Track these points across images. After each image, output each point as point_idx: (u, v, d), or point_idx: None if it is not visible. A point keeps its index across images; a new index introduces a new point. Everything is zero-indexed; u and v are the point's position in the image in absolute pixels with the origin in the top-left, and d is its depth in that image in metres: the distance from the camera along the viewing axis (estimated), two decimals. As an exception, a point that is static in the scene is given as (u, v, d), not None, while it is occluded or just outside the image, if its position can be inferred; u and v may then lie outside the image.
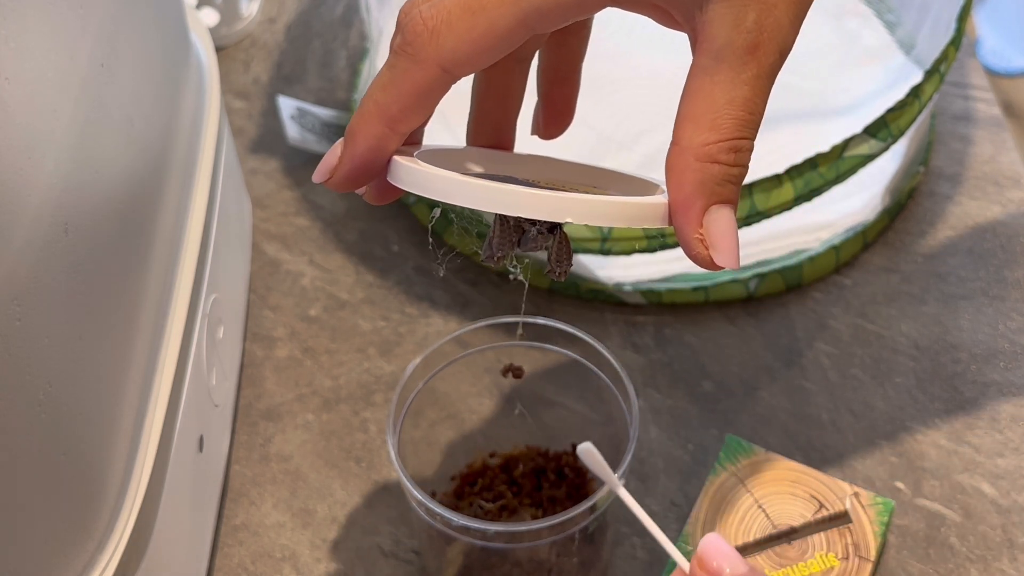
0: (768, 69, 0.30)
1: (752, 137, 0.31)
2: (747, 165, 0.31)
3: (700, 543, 0.32)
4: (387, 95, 0.32)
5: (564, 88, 0.39)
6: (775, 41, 0.30)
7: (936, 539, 0.50)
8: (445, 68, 0.31)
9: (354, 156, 0.33)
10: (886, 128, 0.57)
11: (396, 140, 0.33)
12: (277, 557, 0.51)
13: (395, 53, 0.32)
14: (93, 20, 0.38)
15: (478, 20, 0.30)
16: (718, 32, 0.30)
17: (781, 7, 0.30)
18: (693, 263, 0.31)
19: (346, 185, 0.34)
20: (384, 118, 0.32)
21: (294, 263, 0.65)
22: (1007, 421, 0.54)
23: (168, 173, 0.47)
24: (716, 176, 0.30)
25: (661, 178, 0.32)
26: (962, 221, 0.64)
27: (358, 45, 0.79)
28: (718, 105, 0.30)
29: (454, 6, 0.31)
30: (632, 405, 0.44)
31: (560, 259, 0.34)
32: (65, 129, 0.35)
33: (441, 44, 0.31)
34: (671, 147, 0.31)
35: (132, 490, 0.40)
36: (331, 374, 0.59)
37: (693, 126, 0.30)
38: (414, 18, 0.31)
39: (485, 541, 0.43)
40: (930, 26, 0.64)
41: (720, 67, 0.30)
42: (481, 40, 0.31)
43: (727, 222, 0.30)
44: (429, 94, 0.32)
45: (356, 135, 0.33)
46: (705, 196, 0.30)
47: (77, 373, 0.35)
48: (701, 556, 0.31)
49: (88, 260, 0.36)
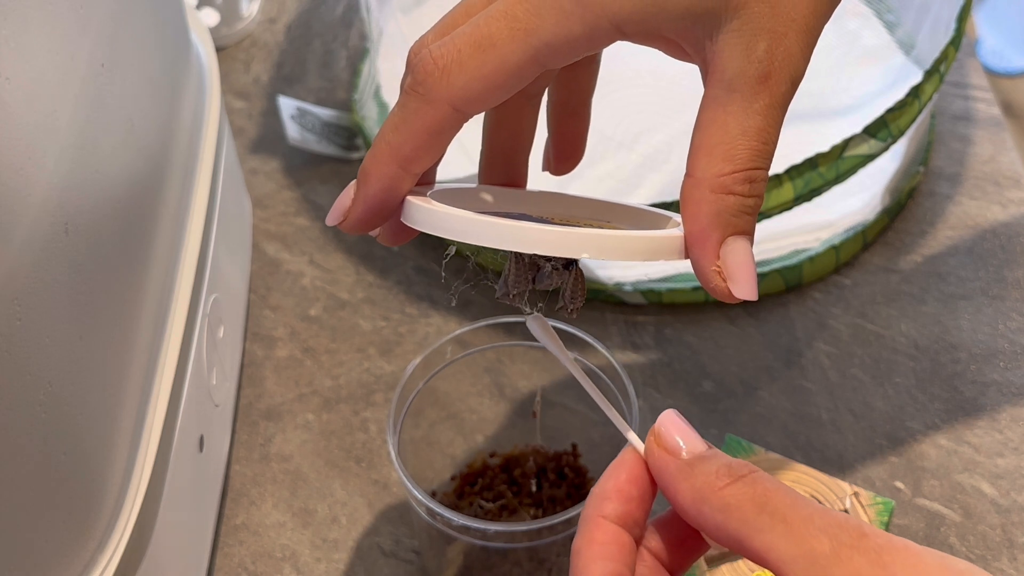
0: (780, 98, 0.30)
1: (767, 167, 0.30)
2: (762, 195, 0.31)
3: (659, 418, 0.31)
4: (399, 135, 0.32)
5: (574, 123, 0.39)
6: (786, 70, 0.30)
7: (936, 539, 0.50)
8: (456, 106, 0.31)
9: (367, 197, 0.33)
10: (886, 128, 0.57)
11: (409, 180, 0.32)
12: (277, 557, 0.51)
13: (406, 93, 0.31)
14: (93, 20, 0.38)
15: (489, 57, 0.30)
16: (729, 62, 0.30)
17: (791, 36, 0.30)
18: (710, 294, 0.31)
19: (360, 227, 0.33)
20: (397, 158, 0.32)
21: (294, 263, 0.65)
22: (1007, 421, 0.54)
23: (168, 173, 0.47)
24: (732, 207, 0.30)
25: (660, 177, 0.32)
26: (962, 221, 0.64)
27: (358, 45, 0.79)
28: (732, 135, 0.30)
29: (464, 44, 0.30)
30: (632, 405, 0.44)
31: (575, 296, 0.33)
32: (65, 129, 0.35)
33: (452, 82, 0.30)
34: (685, 179, 0.31)
35: (132, 490, 0.40)
36: (331, 374, 0.59)
37: (707, 157, 0.30)
38: (424, 57, 0.31)
39: (485, 541, 0.43)
40: (930, 26, 0.64)
41: (732, 97, 0.30)
42: (492, 77, 0.30)
43: (744, 253, 0.30)
44: (441, 133, 0.31)
45: (369, 176, 0.32)
46: (721, 228, 0.30)
47: (77, 373, 0.35)
48: (658, 431, 0.31)
49: (88, 260, 0.36)
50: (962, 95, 0.71)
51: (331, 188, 0.69)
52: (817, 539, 0.26)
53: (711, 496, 0.28)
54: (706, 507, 0.28)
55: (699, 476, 0.29)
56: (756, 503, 0.27)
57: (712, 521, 0.28)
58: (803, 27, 0.30)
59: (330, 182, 0.70)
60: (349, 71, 0.77)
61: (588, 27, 0.30)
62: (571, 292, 0.33)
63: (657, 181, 0.63)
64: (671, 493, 0.30)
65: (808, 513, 0.27)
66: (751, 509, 0.27)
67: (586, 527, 0.30)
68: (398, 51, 0.69)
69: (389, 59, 0.71)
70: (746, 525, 0.27)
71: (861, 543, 0.26)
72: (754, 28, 0.30)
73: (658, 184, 0.63)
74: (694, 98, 0.32)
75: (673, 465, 0.30)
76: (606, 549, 0.29)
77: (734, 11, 0.30)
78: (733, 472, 0.28)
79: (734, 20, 0.30)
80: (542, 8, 0.30)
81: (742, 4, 0.30)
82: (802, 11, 0.30)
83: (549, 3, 0.30)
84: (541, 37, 0.30)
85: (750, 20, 0.30)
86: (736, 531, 0.27)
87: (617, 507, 0.30)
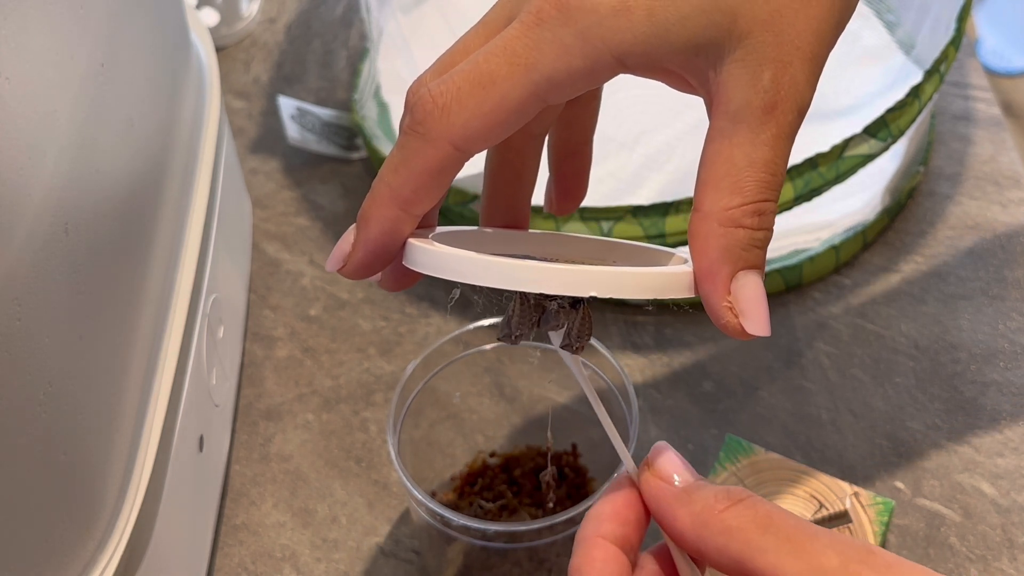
0: (787, 128, 0.29)
1: (775, 199, 0.30)
2: (772, 228, 0.30)
3: (652, 448, 0.31)
4: (399, 177, 0.31)
5: (576, 162, 0.38)
6: (792, 99, 0.29)
7: (936, 539, 0.50)
8: (457, 145, 0.30)
9: (367, 241, 0.32)
10: (886, 128, 0.57)
11: (410, 222, 0.32)
12: (277, 557, 0.51)
13: (405, 133, 0.31)
14: (93, 20, 0.38)
15: (489, 94, 0.29)
16: (734, 93, 0.29)
17: (796, 64, 0.29)
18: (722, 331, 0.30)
19: (361, 272, 0.33)
20: (397, 200, 0.31)
21: (294, 263, 0.65)
22: (1007, 421, 0.54)
23: (168, 173, 0.47)
24: (741, 241, 0.29)
25: (661, 178, 0.32)
26: (962, 221, 0.64)
27: (358, 45, 0.79)
28: (739, 168, 0.29)
29: (463, 82, 0.30)
30: (632, 405, 0.44)
31: (581, 335, 0.32)
32: (65, 129, 0.35)
33: (452, 121, 0.30)
34: (693, 214, 0.30)
35: (132, 490, 0.40)
36: (331, 374, 0.59)
37: (714, 191, 0.29)
38: (423, 96, 0.30)
39: (485, 541, 0.43)
40: (930, 26, 0.64)
41: (738, 128, 0.29)
42: (493, 114, 0.30)
43: (756, 288, 0.29)
44: (441, 173, 0.31)
45: (369, 219, 0.32)
46: (731, 262, 0.29)
47: (77, 373, 0.35)
48: (652, 461, 0.31)
49: (88, 260, 0.36)
50: (962, 95, 0.71)
51: (331, 188, 0.69)
52: (825, 555, 0.26)
53: (712, 520, 0.28)
54: (707, 531, 0.28)
55: (697, 502, 0.29)
56: (759, 524, 0.27)
57: (713, 545, 0.28)
58: (808, 55, 0.30)
59: (330, 182, 0.70)
60: (349, 71, 0.77)
61: (589, 61, 0.29)
62: (578, 331, 0.32)
63: (658, 182, 0.63)
64: (668, 520, 0.29)
65: (813, 531, 0.27)
66: (754, 530, 0.27)
67: (584, 546, 0.30)
68: (398, 51, 0.70)
69: (389, 59, 0.71)
70: (750, 546, 0.27)
71: (870, 559, 0.26)
72: (759, 58, 0.29)
73: (659, 185, 0.63)
74: (695, 99, 0.32)
75: (670, 492, 0.30)
76: (607, 567, 0.29)
77: (738, 41, 0.29)
78: (732, 496, 0.28)
79: (738, 50, 0.29)
80: (541, 43, 0.29)
81: (746, 33, 0.29)
82: (807, 39, 0.29)
83: (548, 37, 0.29)
84: (542, 72, 0.29)
85: (754, 49, 0.29)
86: (739, 553, 0.27)
87: (615, 528, 0.30)
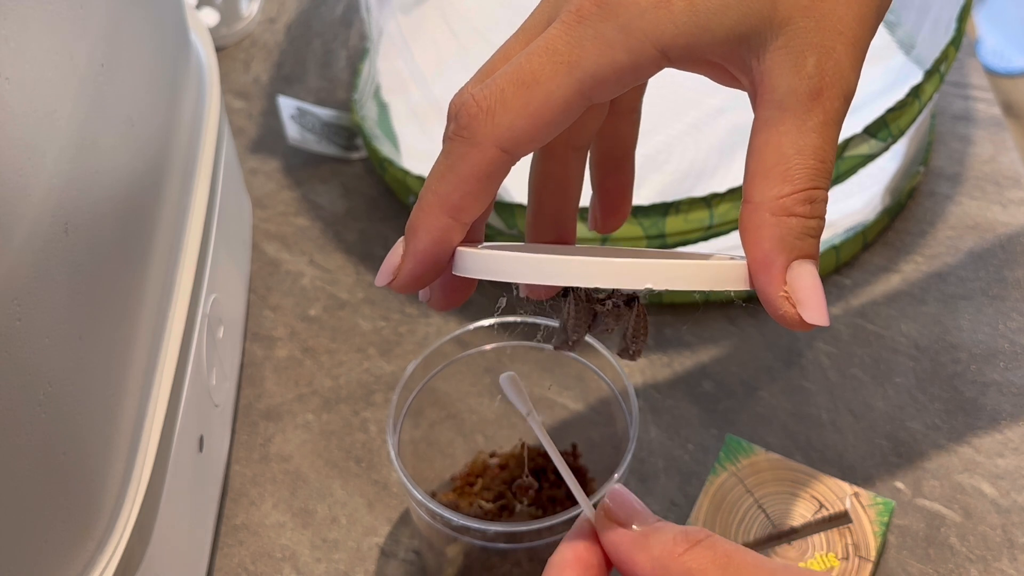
0: (834, 114, 0.29)
1: (826, 187, 0.29)
2: (824, 216, 0.29)
3: (608, 493, 0.31)
4: (446, 184, 0.30)
5: (619, 176, 0.38)
6: (838, 85, 0.29)
7: (936, 539, 0.50)
8: (504, 147, 0.30)
9: (417, 252, 0.31)
10: (886, 128, 0.57)
11: (460, 231, 0.31)
12: (277, 557, 0.51)
13: (450, 139, 0.30)
14: (93, 20, 0.38)
15: (533, 94, 0.29)
16: (779, 81, 0.29)
17: (840, 49, 0.29)
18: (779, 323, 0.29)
19: (412, 284, 0.32)
20: (446, 208, 0.30)
21: (294, 263, 0.65)
22: (1007, 421, 0.54)
23: (168, 173, 0.47)
24: (794, 229, 0.29)
25: (661, 178, 0.32)
26: (962, 221, 0.64)
27: (358, 45, 0.79)
28: (787, 156, 0.29)
29: (507, 83, 0.29)
30: (632, 405, 0.44)
31: (637, 336, 0.32)
32: (65, 129, 0.35)
33: (497, 123, 0.29)
34: (744, 206, 0.30)
35: (132, 490, 0.40)
36: (331, 374, 0.59)
37: (764, 181, 0.29)
38: (466, 101, 0.30)
39: (485, 541, 0.43)
40: (930, 26, 0.64)
41: (784, 116, 0.29)
42: (538, 114, 0.29)
43: (811, 277, 0.29)
44: (490, 177, 0.30)
45: (418, 229, 0.31)
46: (786, 252, 0.29)
47: (77, 373, 0.35)
48: (607, 507, 0.31)
49: (88, 260, 0.36)
50: (962, 95, 0.71)
51: (331, 188, 0.69)
52: None
53: (671, 564, 0.28)
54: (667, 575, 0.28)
55: (656, 546, 0.29)
56: (719, 565, 0.27)
57: None
58: (851, 40, 0.29)
59: (330, 182, 0.70)
60: (349, 71, 0.77)
61: (633, 55, 0.29)
62: (633, 331, 0.32)
63: (658, 182, 0.63)
64: (628, 567, 0.29)
65: (771, 568, 0.27)
66: (715, 571, 0.27)
67: None
68: (398, 51, 0.70)
69: (389, 59, 0.71)
70: None
71: None
72: (801, 43, 0.29)
73: (659, 185, 0.62)
74: (695, 99, 0.32)
75: (628, 538, 0.30)
76: None
77: (779, 27, 0.29)
78: (690, 538, 0.28)
79: (780, 37, 0.29)
80: (583, 40, 0.29)
81: (787, 20, 0.29)
82: (849, 23, 0.29)
83: (590, 34, 0.29)
84: (585, 69, 0.29)
85: (796, 35, 0.29)
86: None
87: (579, 573, 0.30)
